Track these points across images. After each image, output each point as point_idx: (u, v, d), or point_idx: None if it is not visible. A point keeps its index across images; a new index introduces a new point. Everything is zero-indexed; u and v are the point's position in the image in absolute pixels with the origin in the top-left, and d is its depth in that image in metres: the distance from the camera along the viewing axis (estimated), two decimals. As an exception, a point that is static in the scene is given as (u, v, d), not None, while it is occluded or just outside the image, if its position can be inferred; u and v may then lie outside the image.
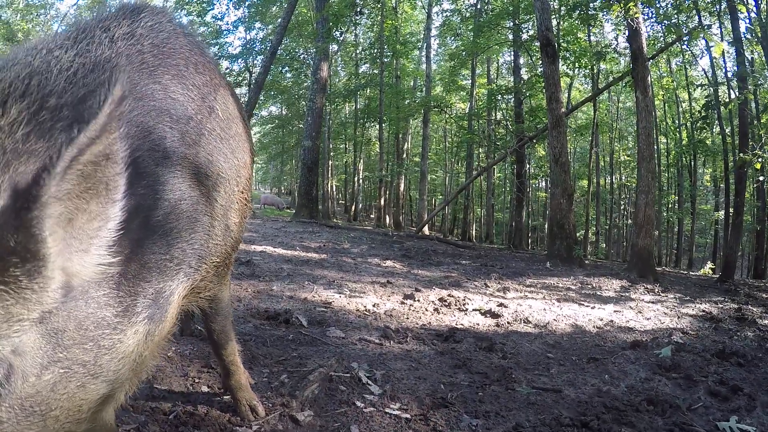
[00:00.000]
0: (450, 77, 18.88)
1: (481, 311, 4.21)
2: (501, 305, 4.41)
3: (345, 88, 21.83)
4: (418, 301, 4.37)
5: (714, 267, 12.62)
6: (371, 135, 24.27)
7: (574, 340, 3.55)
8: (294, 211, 17.31)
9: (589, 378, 2.68)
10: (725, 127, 14.43)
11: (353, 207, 24.71)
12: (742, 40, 9.89)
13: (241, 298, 3.82)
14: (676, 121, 18.49)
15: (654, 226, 9.12)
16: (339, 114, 25.00)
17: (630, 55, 9.43)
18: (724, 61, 14.54)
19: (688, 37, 10.76)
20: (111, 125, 0.66)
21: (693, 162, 18.09)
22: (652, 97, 9.73)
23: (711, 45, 12.18)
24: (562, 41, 12.92)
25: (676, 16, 11.27)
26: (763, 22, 8.51)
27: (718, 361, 3.02)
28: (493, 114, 19.12)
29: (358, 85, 20.22)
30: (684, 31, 10.57)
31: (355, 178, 25.53)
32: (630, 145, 21.67)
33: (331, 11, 13.71)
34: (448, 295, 4.62)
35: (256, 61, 19.35)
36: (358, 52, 21.50)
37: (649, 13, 11.28)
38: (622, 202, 23.67)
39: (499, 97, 17.43)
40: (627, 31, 8.85)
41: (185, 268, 1.19)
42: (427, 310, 4.08)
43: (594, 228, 21.28)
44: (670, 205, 19.89)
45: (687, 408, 2.28)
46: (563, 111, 9.61)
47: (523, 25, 14.84)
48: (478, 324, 3.83)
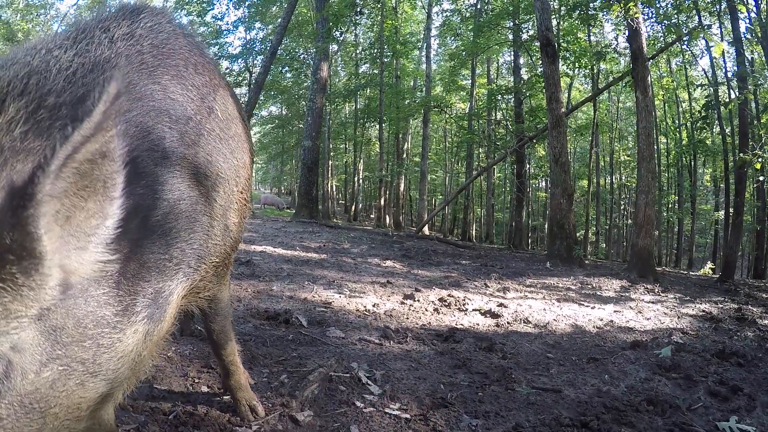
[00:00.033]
0: (450, 77, 18.87)
1: (481, 311, 4.21)
2: (501, 305, 4.41)
3: (345, 88, 21.83)
4: (418, 301, 4.37)
5: (714, 267, 12.61)
6: (371, 135, 24.27)
7: (574, 340, 3.55)
8: (294, 211, 17.31)
9: (588, 378, 2.68)
10: (725, 127, 14.43)
11: (353, 207, 24.70)
12: (742, 40, 9.89)
13: (241, 298, 3.82)
14: (676, 121, 18.48)
15: (654, 226, 9.11)
16: (339, 114, 24.99)
17: (630, 55, 9.44)
18: (724, 61, 14.56)
19: (688, 37, 10.76)
20: (107, 123, 0.66)
21: (693, 162, 18.09)
22: (652, 97, 9.73)
23: (711, 45, 12.18)
24: (562, 41, 12.92)
25: (676, 16, 11.27)
26: (763, 22, 8.51)
27: (718, 361, 3.02)
28: (493, 114, 19.12)
29: (358, 85, 20.22)
30: (684, 31, 10.57)
31: (355, 178, 25.52)
32: (630, 145, 21.67)
33: (331, 11, 13.71)
34: (448, 295, 4.62)
35: (256, 61, 19.35)
36: (358, 52, 21.50)
37: (649, 13, 11.29)
38: (622, 202, 23.66)
39: (499, 97, 17.42)
40: (627, 31, 8.85)
41: (184, 268, 1.19)
42: (427, 310, 4.08)
43: (594, 228, 21.27)
44: (670, 205, 19.88)
45: (687, 408, 2.28)
46: (563, 111, 9.61)
47: (523, 25, 14.84)
48: (478, 324, 3.83)
